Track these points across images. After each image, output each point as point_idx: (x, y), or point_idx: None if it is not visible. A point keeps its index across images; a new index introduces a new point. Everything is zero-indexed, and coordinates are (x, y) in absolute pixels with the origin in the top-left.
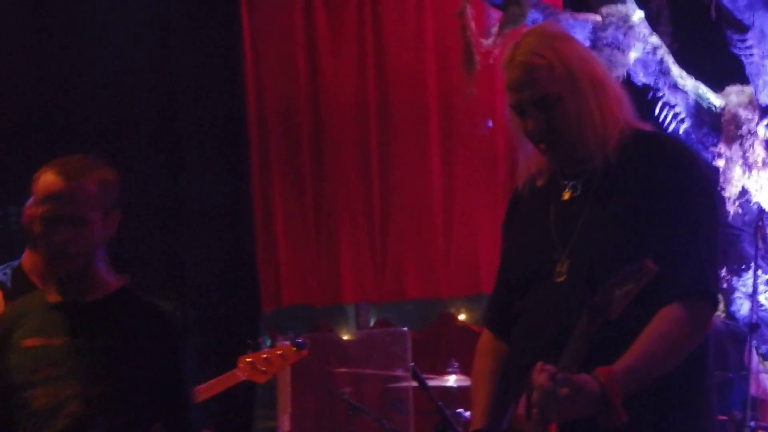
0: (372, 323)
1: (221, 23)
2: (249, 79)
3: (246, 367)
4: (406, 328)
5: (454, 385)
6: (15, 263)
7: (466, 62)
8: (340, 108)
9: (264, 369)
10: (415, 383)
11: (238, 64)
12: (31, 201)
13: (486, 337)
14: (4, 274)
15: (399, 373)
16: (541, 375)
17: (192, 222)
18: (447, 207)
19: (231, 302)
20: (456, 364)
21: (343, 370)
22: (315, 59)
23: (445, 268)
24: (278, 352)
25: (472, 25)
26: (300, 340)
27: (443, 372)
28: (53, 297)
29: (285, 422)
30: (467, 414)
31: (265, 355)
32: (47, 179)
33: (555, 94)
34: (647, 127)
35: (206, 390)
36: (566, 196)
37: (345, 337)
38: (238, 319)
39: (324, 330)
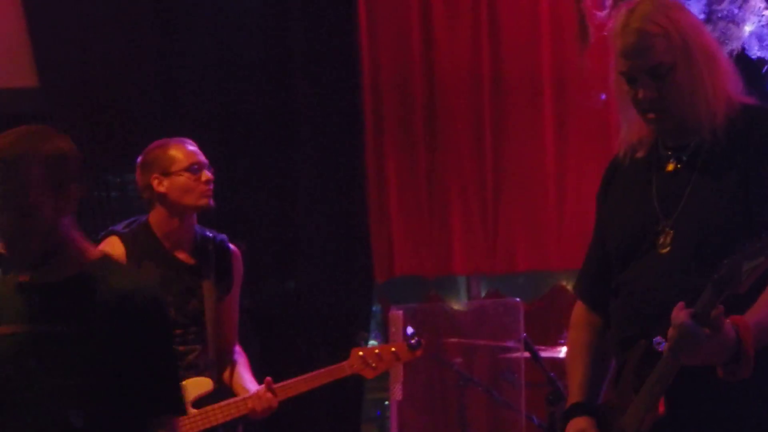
0: (483, 294)
1: None
2: (364, 51)
3: (357, 360)
4: (518, 299)
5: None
6: (143, 218)
7: (580, 34)
8: (453, 80)
9: (374, 365)
10: (526, 354)
11: (353, 36)
12: None
13: (580, 310)
14: (129, 228)
15: (510, 344)
16: (681, 312)
17: (306, 193)
18: (559, 179)
19: (344, 273)
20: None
21: (454, 340)
22: (429, 31)
23: (557, 240)
24: (392, 350)
25: None
26: (415, 341)
27: (555, 343)
28: (24, 276)
29: (397, 392)
30: None
31: (378, 351)
32: None
33: (669, 63)
34: (754, 101)
35: (313, 380)
36: (670, 167)
37: (456, 308)
38: (351, 289)
39: (435, 301)
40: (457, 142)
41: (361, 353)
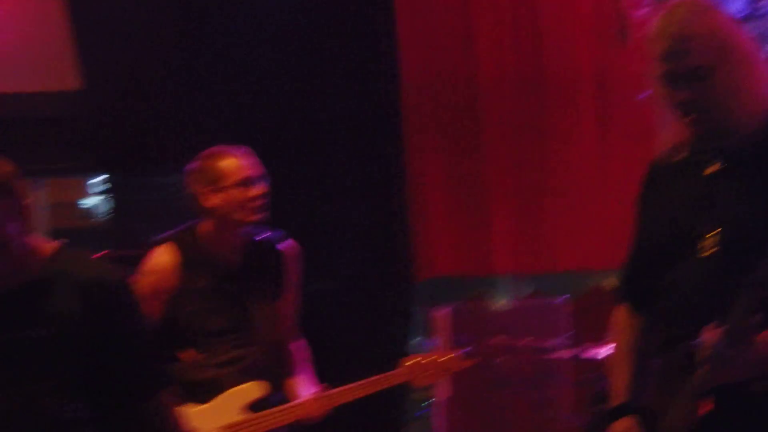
0: (526, 294)
1: None
2: (404, 50)
3: (406, 370)
4: (561, 299)
5: None
6: (192, 223)
7: (620, 34)
8: (495, 79)
9: (424, 376)
10: (570, 353)
11: (392, 34)
12: None
13: (622, 311)
14: (180, 234)
15: (553, 343)
16: (711, 333)
17: (347, 193)
18: (602, 179)
19: (385, 272)
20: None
21: (497, 340)
22: (470, 30)
23: (599, 239)
24: (441, 360)
25: None
26: (465, 351)
27: (598, 343)
28: None
29: (442, 390)
30: None
31: (427, 362)
32: None
33: (708, 66)
34: None
35: (365, 387)
36: (709, 170)
37: (499, 308)
38: (392, 288)
39: (478, 300)
40: (498, 141)
41: (409, 363)
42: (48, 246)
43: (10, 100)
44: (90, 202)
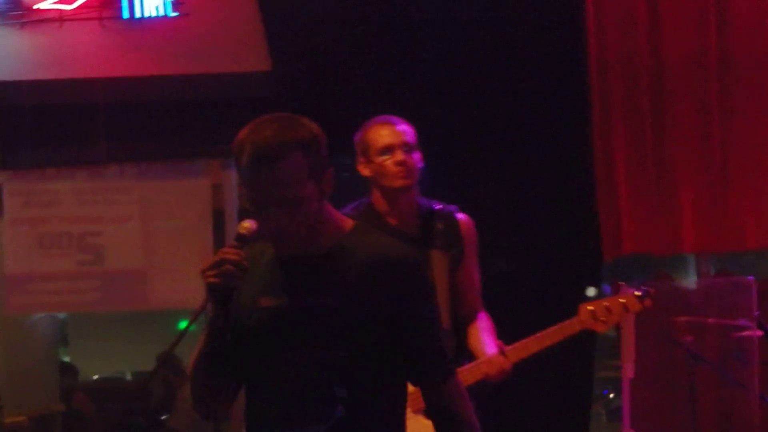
0: (712, 273)
1: None
2: (590, 30)
3: (586, 315)
4: (750, 277)
5: None
6: (367, 199)
7: None
8: (680, 59)
9: (604, 319)
10: (759, 333)
11: (580, 16)
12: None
13: None
14: (357, 211)
15: (742, 322)
16: None
17: (533, 173)
18: None
19: (573, 251)
20: None
21: (685, 319)
22: (656, 10)
23: None
24: (621, 301)
25: None
26: (643, 290)
27: None
28: (281, 247)
29: (629, 370)
30: None
31: (606, 304)
32: None
33: None
34: None
35: (544, 338)
36: None
37: (686, 286)
38: (579, 267)
39: (664, 279)
40: (684, 120)
41: (590, 308)
42: (347, 221)
43: (201, 81)
44: None
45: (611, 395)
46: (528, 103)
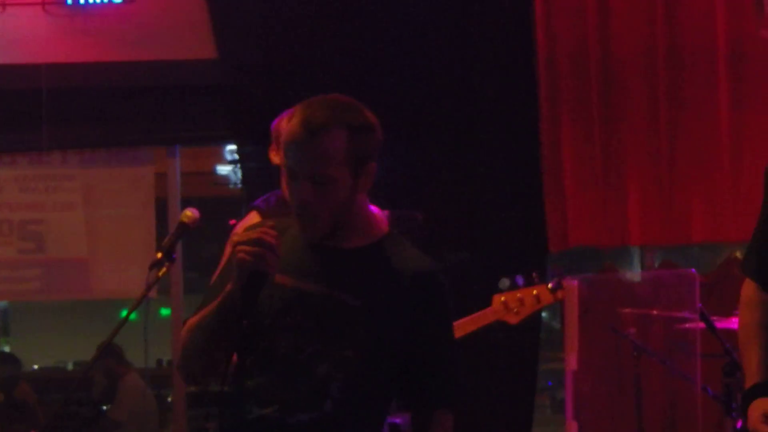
0: (657, 265)
1: None
2: (539, 23)
3: (499, 306)
4: (693, 270)
5: None
6: (279, 191)
7: (756, 5)
8: (629, 51)
9: (516, 310)
10: (702, 325)
11: (528, 8)
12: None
13: (750, 288)
14: (267, 202)
15: (686, 314)
16: None
17: (481, 164)
18: (735, 150)
19: (518, 243)
20: None
21: (629, 310)
22: (605, 2)
23: (732, 211)
24: (534, 292)
25: None
26: (555, 282)
27: (730, 314)
28: (308, 231)
29: (572, 361)
30: None
31: (519, 295)
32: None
33: None
34: None
35: (457, 329)
36: None
37: (631, 278)
38: (525, 259)
39: (610, 271)
40: (632, 113)
41: (503, 299)
42: (384, 226)
43: (146, 68)
44: (224, 170)
45: (556, 386)
46: (477, 96)
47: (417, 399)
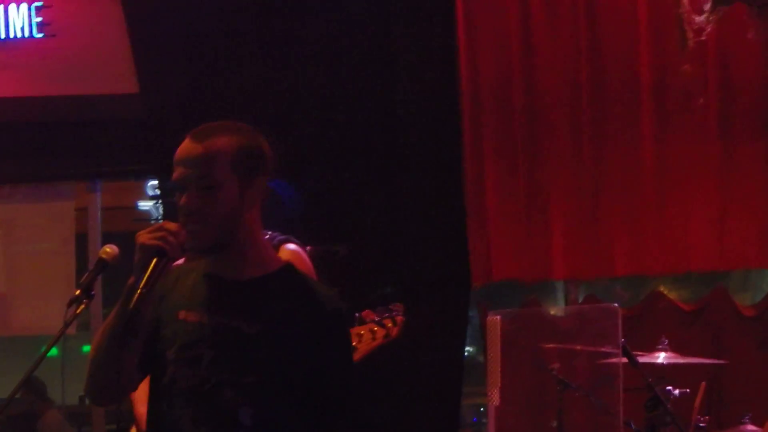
0: (581, 300)
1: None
2: (462, 56)
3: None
4: (616, 304)
5: (664, 362)
6: None
7: (679, 39)
8: (552, 85)
9: (354, 344)
10: (625, 359)
11: (452, 41)
12: None
13: None
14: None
15: (609, 349)
16: None
17: (404, 198)
18: (658, 184)
19: (442, 277)
20: (665, 342)
21: (553, 345)
22: (528, 36)
23: (655, 245)
24: (374, 329)
25: (685, 1)
26: (390, 318)
27: (653, 349)
28: (210, 267)
29: (495, 396)
30: (676, 392)
31: (362, 332)
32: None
33: None
34: None
35: None
36: None
37: (554, 313)
38: (448, 293)
39: (533, 305)
40: (556, 147)
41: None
42: (277, 257)
43: (68, 103)
44: (146, 205)
45: (482, 422)
46: (401, 130)
47: (317, 425)
